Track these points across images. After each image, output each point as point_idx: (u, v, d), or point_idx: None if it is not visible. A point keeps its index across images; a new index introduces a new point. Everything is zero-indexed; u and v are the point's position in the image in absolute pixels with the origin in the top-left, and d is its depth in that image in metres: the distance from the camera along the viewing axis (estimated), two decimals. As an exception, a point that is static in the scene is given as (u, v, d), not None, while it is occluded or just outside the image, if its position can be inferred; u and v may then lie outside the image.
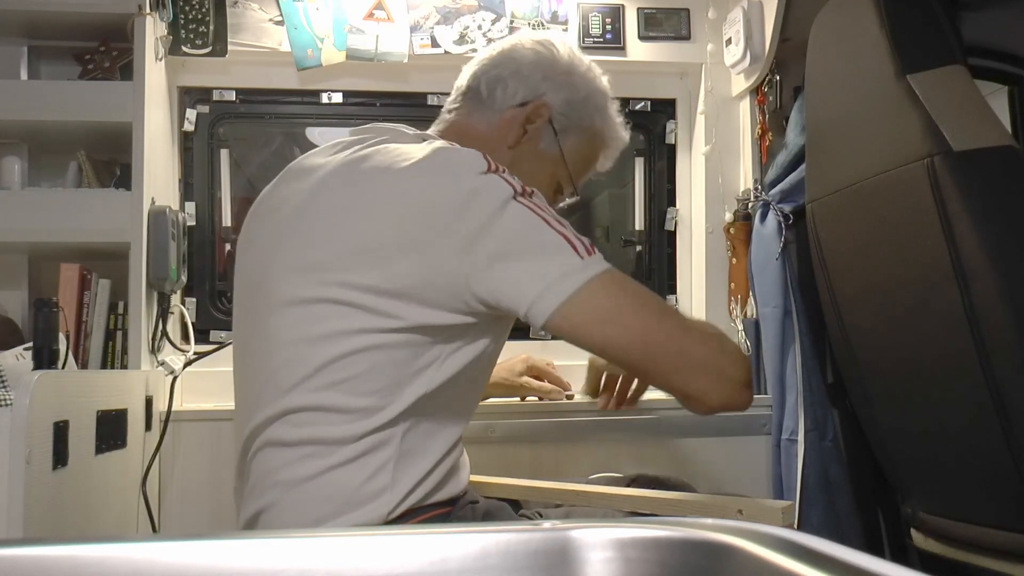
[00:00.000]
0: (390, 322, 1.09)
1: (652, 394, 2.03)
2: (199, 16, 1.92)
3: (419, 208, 1.08)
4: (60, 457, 1.27)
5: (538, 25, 2.08)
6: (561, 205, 1.43)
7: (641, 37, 2.15)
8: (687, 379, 1.12)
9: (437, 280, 1.08)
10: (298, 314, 1.12)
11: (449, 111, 1.37)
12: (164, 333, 1.86)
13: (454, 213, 1.07)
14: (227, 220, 2.15)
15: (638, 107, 2.27)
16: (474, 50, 2.06)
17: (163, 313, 1.86)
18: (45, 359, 1.41)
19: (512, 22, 2.07)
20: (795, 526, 1.84)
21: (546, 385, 1.89)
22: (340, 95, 2.14)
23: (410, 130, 1.27)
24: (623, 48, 2.14)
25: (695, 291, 2.22)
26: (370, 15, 2.01)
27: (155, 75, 1.87)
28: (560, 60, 1.38)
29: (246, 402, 1.21)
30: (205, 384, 1.90)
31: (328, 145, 1.28)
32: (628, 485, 1.47)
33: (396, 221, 1.09)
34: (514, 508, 1.36)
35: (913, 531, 1.79)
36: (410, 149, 1.15)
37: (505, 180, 1.10)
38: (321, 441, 1.12)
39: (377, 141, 1.21)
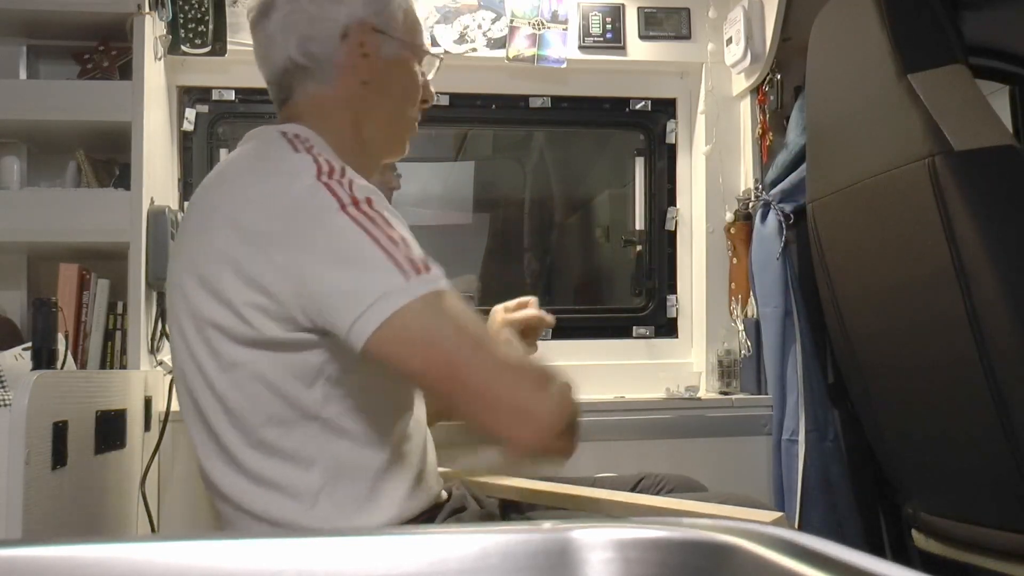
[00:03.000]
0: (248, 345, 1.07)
1: (652, 394, 2.05)
2: (198, 15, 1.92)
3: (245, 225, 1.05)
4: (59, 457, 1.27)
5: (538, 24, 2.08)
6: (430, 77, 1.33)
7: (641, 36, 2.15)
8: (492, 419, 1.03)
9: (267, 297, 1.04)
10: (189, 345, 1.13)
11: (286, 97, 1.25)
12: (163, 333, 1.85)
13: (281, 226, 1.03)
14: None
15: (638, 107, 2.27)
16: (474, 49, 2.06)
17: (162, 313, 1.85)
18: (44, 359, 1.41)
19: (512, 21, 2.06)
20: (795, 517, 1.84)
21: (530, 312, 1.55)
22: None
23: (275, 129, 1.19)
24: (623, 48, 2.14)
25: (695, 291, 2.22)
26: (370, 14, 2.01)
27: (154, 75, 1.87)
28: None
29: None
30: (205, 384, 1.90)
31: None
32: (635, 485, 1.47)
33: (227, 241, 1.06)
34: (503, 515, 1.35)
35: (914, 531, 1.79)
36: (249, 160, 1.14)
37: (332, 191, 1.03)
38: (255, 470, 1.11)
39: (236, 159, 1.20)
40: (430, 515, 1.21)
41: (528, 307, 1.46)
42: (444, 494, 1.26)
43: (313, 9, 1.20)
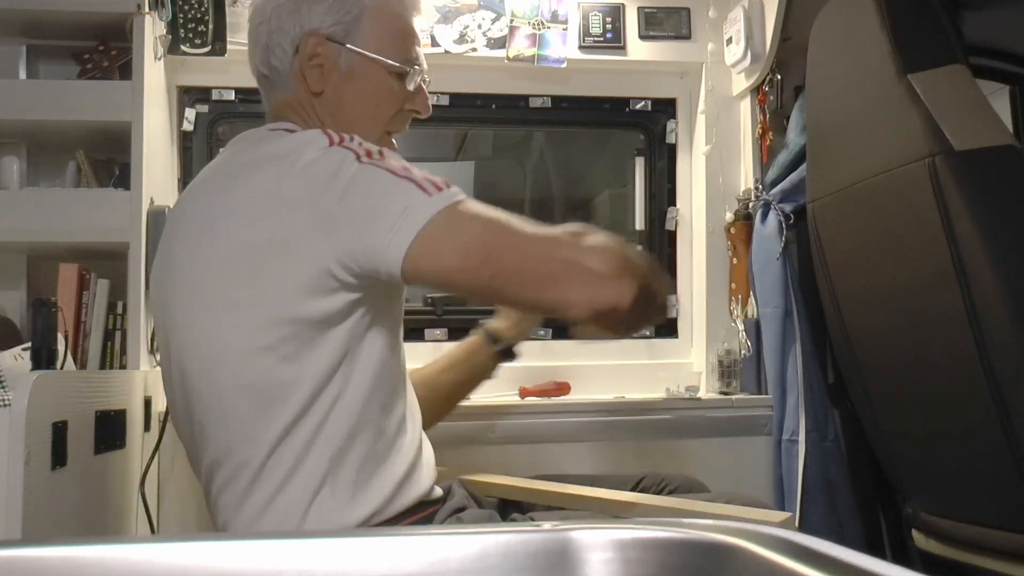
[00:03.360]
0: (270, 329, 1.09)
1: (652, 394, 2.05)
2: (198, 15, 1.92)
3: (272, 200, 1.09)
4: (59, 457, 1.27)
5: (538, 24, 2.07)
6: (421, 81, 1.33)
7: (641, 36, 2.14)
8: (545, 291, 1.06)
9: (301, 267, 1.07)
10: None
11: (267, 100, 1.32)
12: (163, 333, 1.85)
13: (307, 194, 1.07)
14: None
15: (638, 107, 2.26)
16: (474, 49, 2.06)
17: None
18: (44, 359, 1.40)
19: (512, 21, 2.06)
20: (795, 518, 1.84)
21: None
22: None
23: (262, 129, 1.25)
24: (623, 47, 2.14)
25: (695, 291, 2.22)
26: (370, 14, 2.00)
27: (154, 74, 1.87)
28: None
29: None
30: (204, 384, 1.90)
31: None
32: (636, 484, 1.47)
33: (255, 219, 1.09)
34: (503, 515, 1.35)
35: (914, 532, 1.79)
36: (257, 147, 1.18)
37: (348, 148, 1.09)
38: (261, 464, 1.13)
39: (230, 152, 1.23)
40: (429, 514, 1.21)
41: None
42: (438, 490, 1.27)
43: (274, 23, 1.25)
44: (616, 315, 1.05)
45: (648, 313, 1.11)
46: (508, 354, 1.54)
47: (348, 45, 1.25)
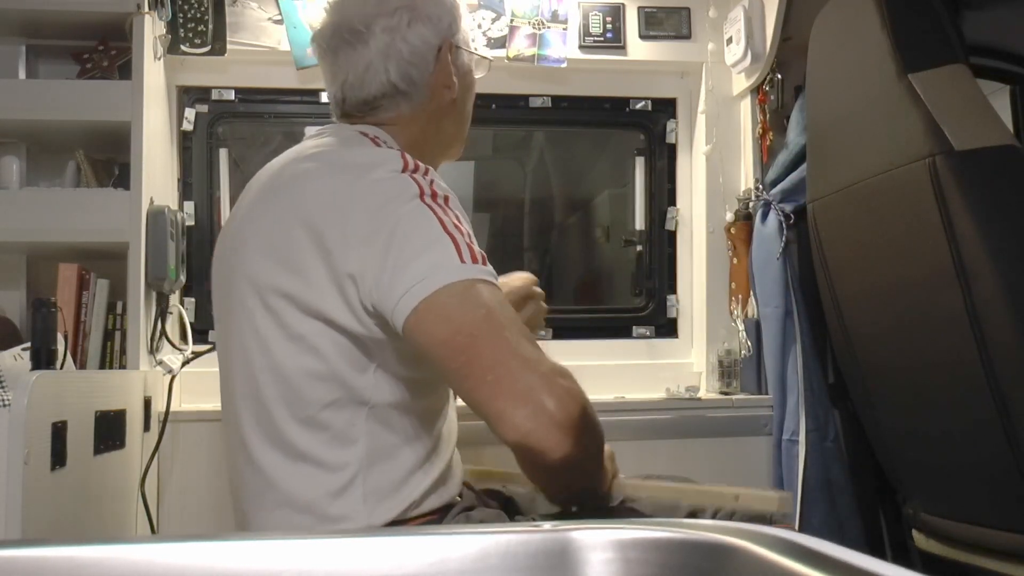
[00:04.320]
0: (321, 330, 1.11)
1: (652, 394, 2.05)
2: (198, 15, 1.92)
3: (331, 211, 1.10)
4: (58, 458, 1.27)
5: (538, 24, 2.07)
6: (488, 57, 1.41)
7: (642, 36, 2.14)
8: (494, 398, 1.02)
9: (345, 280, 1.08)
10: (261, 334, 1.15)
11: (368, 111, 1.30)
12: (163, 333, 1.85)
13: (364, 213, 1.08)
14: (226, 220, 2.15)
15: (638, 106, 2.26)
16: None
17: (162, 313, 1.85)
18: (43, 359, 1.40)
19: (512, 21, 2.06)
20: (795, 518, 1.84)
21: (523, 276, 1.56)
22: (340, 94, 2.13)
23: (354, 129, 1.26)
24: (623, 47, 2.14)
25: (696, 291, 2.22)
26: (370, 14, 2.00)
27: (154, 74, 1.87)
28: None
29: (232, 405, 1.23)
30: (204, 384, 1.89)
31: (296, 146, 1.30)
32: None
33: (312, 225, 1.10)
34: (510, 515, 1.35)
35: (914, 532, 1.79)
36: (335, 151, 1.19)
37: (415, 181, 1.10)
38: (293, 447, 1.14)
39: (317, 147, 1.23)
40: (442, 513, 1.22)
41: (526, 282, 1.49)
42: (458, 497, 1.28)
43: (412, 37, 1.26)
44: (541, 462, 1.02)
45: (577, 486, 1.10)
46: None
47: (462, 48, 1.32)
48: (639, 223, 2.29)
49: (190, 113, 2.07)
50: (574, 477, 1.08)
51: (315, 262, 1.09)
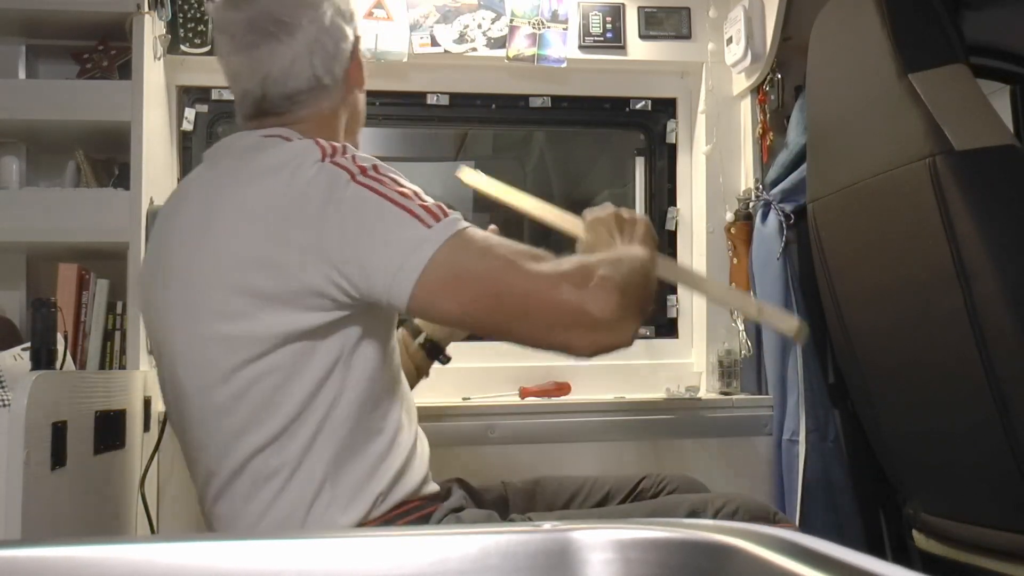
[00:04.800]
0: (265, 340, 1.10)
1: (652, 394, 2.04)
2: (198, 15, 1.92)
3: (264, 215, 1.09)
4: (58, 458, 1.26)
5: (538, 24, 2.07)
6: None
7: (642, 36, 2.14)
8: (550, 336, 1.07)
9: (294, 284, 1.07)
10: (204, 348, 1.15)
11: (284, 111, 1.26)
12: (163, 333, 1.85)
13: (298, 210, 1.07)
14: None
15: (638, 106, 2.26)
16: (474, 49, 2.06)
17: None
18: (43, 359, 1.40)
19: (512, 21, 2.06)
20: (795, 517, 1.84)
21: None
22: (339, 94, 2.13)
23: (250, 135, 1.23)
24: (623, 47, 2.13)
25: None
26: (369, 14, 2.01)
27: (153, 74, 1.87)
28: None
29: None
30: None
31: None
32: (636, 485, 1.47)
33: (248, 234, 1.09)
34: (502, 515, 1.35)
35: (915, 532, 1.79)
36: (256, 156, 1.16)
37: (340, 167, 1.08)
38: (259, 472, 1.14)
39: (224, 161, 1.23)
40: (427, 513, 1.21)
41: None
42: (434, 486, 1.27)
43: (334, 31, 1.24)
44: (619, 344, 1.10)
45: (647, 308, 1.15)
46: (437, 352, 1.53)
47: (359, 39, 1.31)
48: (639, 223, 2.28)
49: (190, 113, 2.07)
50: (643, 314, 1.14)
51: (263, 277, 1.08)
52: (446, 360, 1.55)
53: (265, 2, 1.22)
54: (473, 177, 1.49)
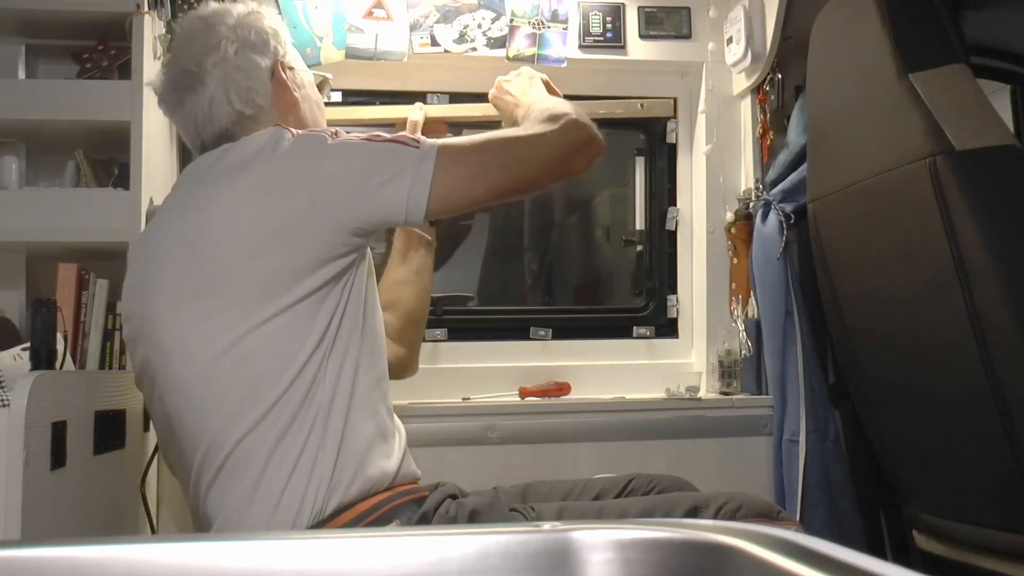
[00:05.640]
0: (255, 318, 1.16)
1: (652, 394, 2.04)
2: (198, 15, 1.91)
3: (261, 195, 1.17)
4: (58, 458, 1.26)
5: (538, 24, 2.07)
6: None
7: (642, 36, 2.14)
8: (559, 169, 1.32)
9: (306, 244, 1.16)
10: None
11: (230, 136, 1.33)
12: (163, 333, 1.85)
13: (293, 176, 1.16)
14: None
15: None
16: (474, 49, 2.06)
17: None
18: (43, 359, 1.40)
19: (512, 20, 2.06)
20: (796, 517, 1.84)
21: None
22: (339, 94, 2.13)
23: (215, 151, 1.29)
24: (623, 47, 2.13)
25: (696, 291, 2.22)
26: (369, 14, 2.01)
27: (153, 74, 1.86)
28: (227, 24, 1.35)
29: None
30: (204, 384, 1.89)
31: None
32: (625, 485, 1.47)
33: (244, 222, 1.17)
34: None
35: (915, 532, 1.79)
36: (223, 159, 1.23)
37: (312, 133, 1.21)
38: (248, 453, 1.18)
39: (195, 176, 1.29)
40: (419, 498, 1.25)
41: None
42: (417, 471, 1.31)
43: (243, 63, 1.33)
44: (593, 153, 1.34)
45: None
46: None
47: (295, 67, 1.40)
48: (639, 223, 2.29)
49: (190, 113, 2.07)
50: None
51: (269, 252, 1.16)
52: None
53: (180, 60, 1.34)
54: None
